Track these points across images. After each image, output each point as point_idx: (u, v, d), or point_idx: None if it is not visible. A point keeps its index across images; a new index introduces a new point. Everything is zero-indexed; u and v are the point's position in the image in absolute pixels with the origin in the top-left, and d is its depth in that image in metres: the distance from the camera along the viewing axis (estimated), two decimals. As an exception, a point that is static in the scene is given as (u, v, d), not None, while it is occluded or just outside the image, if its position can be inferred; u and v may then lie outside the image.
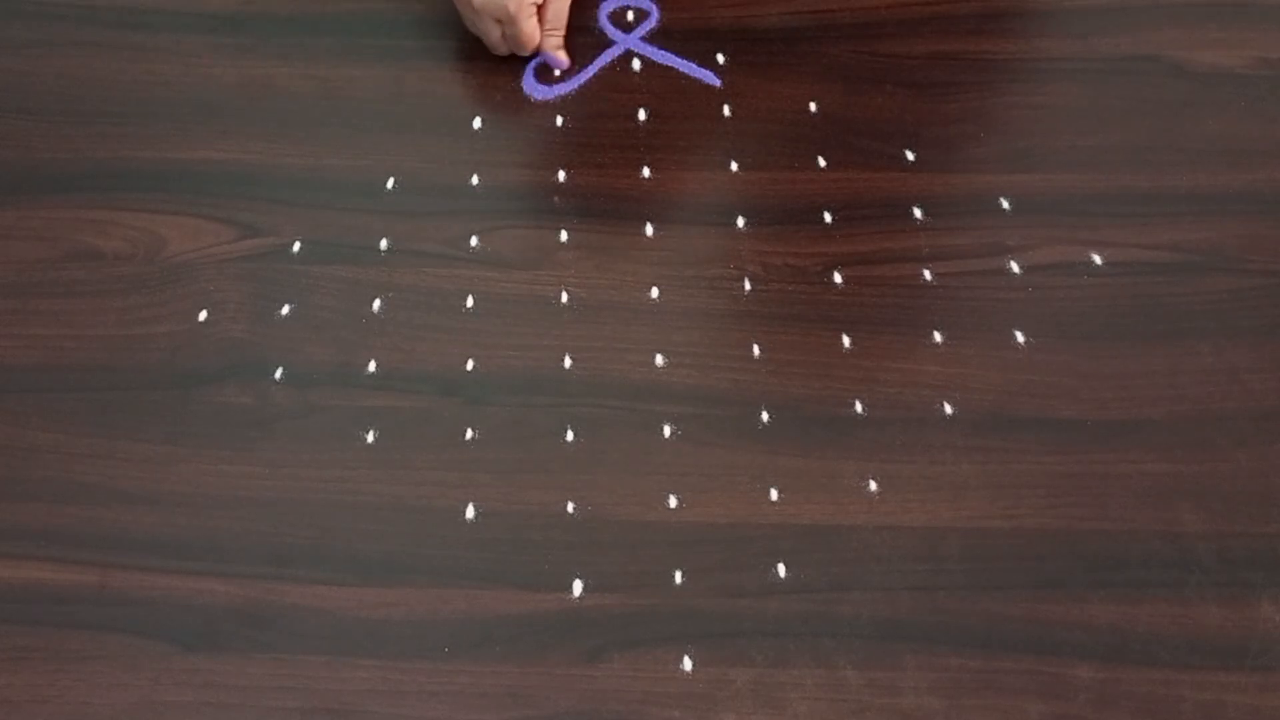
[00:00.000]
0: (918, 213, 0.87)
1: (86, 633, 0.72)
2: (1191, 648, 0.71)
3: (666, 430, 0.79)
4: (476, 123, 0.92)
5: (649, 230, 0.87)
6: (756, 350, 0.82)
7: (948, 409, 0.79)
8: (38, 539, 0.75)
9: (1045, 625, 0.72)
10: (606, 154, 0.91)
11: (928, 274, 0.85)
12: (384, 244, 0.87)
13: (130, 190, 0.89)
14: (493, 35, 0.92)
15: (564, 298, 0.84)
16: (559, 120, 0.93)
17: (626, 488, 0.77)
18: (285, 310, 0.84)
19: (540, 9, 0.92)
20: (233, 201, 0.89)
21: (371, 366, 0.82)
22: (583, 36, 0.90)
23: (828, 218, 0.87)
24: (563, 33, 0.93)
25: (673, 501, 0.76)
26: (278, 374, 0.81)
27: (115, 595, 0.74)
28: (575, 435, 0.79)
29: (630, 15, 0.99)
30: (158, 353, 0.82)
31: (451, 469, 0.78)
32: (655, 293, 0.84)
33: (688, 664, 0.71)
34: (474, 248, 0.87)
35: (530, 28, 0.92)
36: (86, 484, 0.77)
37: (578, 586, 0.74)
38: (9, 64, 0.96)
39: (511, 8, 0.90)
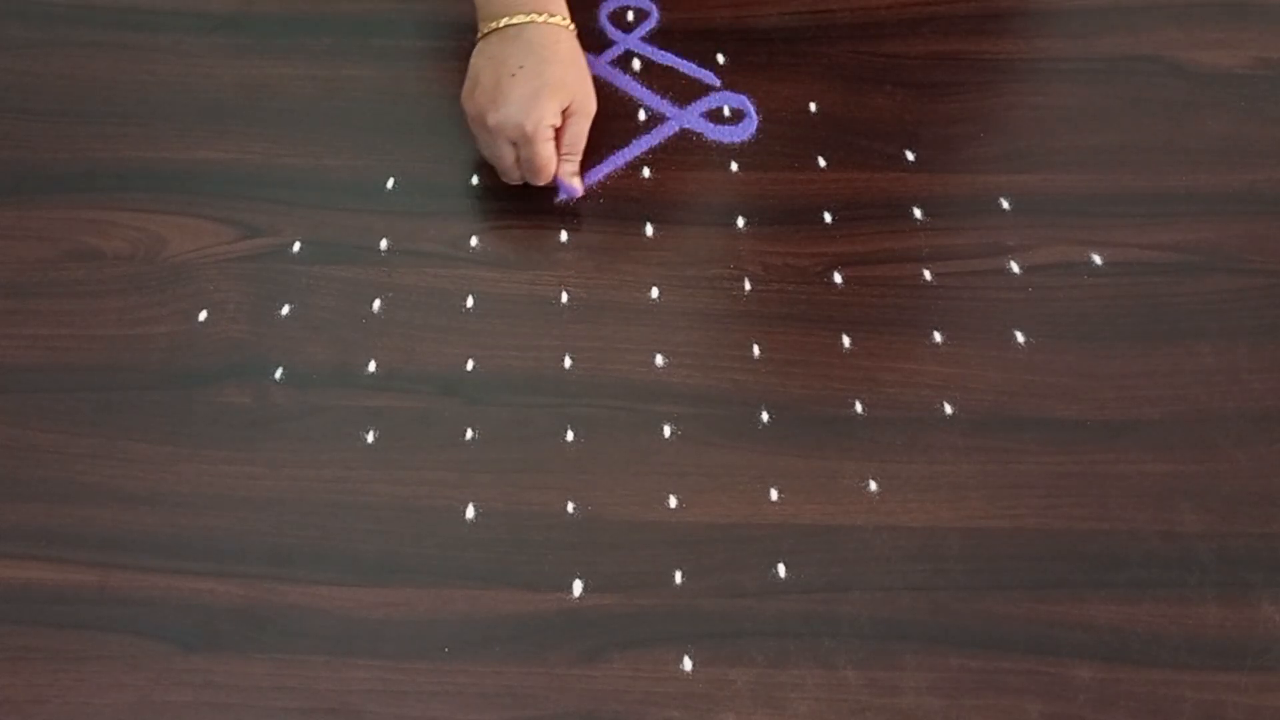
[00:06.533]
0: (918, 213, 0.87)
1: (86, 633, 0.72)
2: (1191, 648, 0.71)
3: (666, 430, 0.79)
4: (476, 123, 0.92)
5: (649, 230, 0.87)
6: (756, 350, 0.82)
7: (948, 409, 0.79)
8: (38, 539, 0.75)
9: (1045, 625, 0.72)
10: (606, 154, 0.90)
11: (928, 274, 0.85)
12: (384, 244, 0.87)
13: (130, 190, 0.89)
14: (507, 159, 0.85)
15: (564, 298, 0.84)
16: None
17: (626, 488, 0.77)
18: (285, 310, 0.84)
19: (558, 133, 0.85)
20: (233, 201, 0.89)
21: (371, 366, 0.82)
22: (582, 38, 0.90)
23: (828, 218, 0.87)
24: (579, 158, 0.87)
25: (673, 501, 0.76)
26: (278, 374, 0.81)
27: (115, 595, 0.74)
28: (575, 435, 0.79)
29: (630, 15, 0.99)
30: (158, 353, 0.82)
31: (451, 469, 0.77)
32: (655, 293, 0.84)
33: (688, 664, 0.71)
34: (474, 248, 0.87)
35: (548, 152, 0.84)
36: (86, 484, 0.77)
37: (578, 586, 0.73)
38: (9, 64, 0.96)
39: (529, 128, 0.83)
